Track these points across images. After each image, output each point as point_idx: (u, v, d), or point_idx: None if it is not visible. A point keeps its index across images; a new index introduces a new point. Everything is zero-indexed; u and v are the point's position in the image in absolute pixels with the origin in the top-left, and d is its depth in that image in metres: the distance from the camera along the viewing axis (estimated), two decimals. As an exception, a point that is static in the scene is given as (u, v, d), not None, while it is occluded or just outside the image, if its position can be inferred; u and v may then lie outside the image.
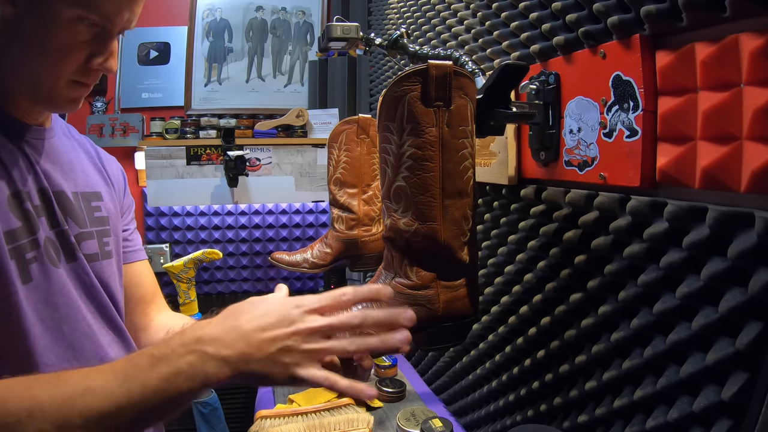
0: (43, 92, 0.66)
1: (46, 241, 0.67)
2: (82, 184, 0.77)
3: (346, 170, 1.36)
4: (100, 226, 0.77)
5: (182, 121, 2.37)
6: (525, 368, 1.01)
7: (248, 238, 2.51)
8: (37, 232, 0.66)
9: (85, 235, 0.74)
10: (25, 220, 0.64)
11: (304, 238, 2.57)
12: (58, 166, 0.73)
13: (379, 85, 2.17)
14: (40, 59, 0.63)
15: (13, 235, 0.62)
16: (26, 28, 0.61)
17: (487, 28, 1.12)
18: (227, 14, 2.53)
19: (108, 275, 0.77)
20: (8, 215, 0.62)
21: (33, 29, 0.61)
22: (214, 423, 2.25)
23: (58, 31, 0.61)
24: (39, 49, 0.62)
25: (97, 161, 0.84)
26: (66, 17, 0.61)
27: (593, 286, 0.81)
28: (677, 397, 0.65)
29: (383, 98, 0.68)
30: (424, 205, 0.69)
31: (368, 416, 1.15)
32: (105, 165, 0.86)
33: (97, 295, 0.74)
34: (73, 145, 0.80)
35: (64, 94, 0.67)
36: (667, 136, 0.66)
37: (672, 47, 0.65)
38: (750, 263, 0.55)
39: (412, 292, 0.72)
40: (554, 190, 0.89)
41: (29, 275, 0.64)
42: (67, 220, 0.72)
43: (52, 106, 0.70)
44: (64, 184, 0.73)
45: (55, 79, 0.65)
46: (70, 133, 0.81)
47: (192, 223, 2.46)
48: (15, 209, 0.63)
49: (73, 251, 0.71)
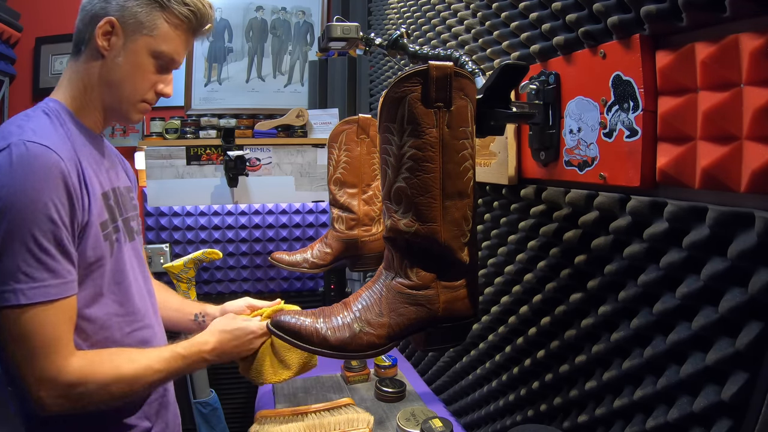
0: (122, 109, 0.91)
1: (122, 224, 0.93)
2: (123, 179, 1.02)
3: (346, 170, 1.36)
4: (134, 211, 1.03)
5: (182, 121, 2.36)
6: (525, 368, 1.01)
7: (248, 238, 2.51)
8: (117, 221, 0.92)
9: (132, 218, 1.00)
10: (110, 213, 0.89)
11: (304, 238, 2.57)
12: (112, 167, 0.97)
13: (379, 85, 2.17)
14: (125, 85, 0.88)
15: (105, 225, 0.87)
16: (118, 62, 0.86)
17: (487, 28, 1.12)
18: (227, 14, 2.53)
19: (141, 248, 1.04)
20: (102, 210, 0.86)
21: (123, 63, 0.86)
22: (214, 423, 2.25)
23: (141, 65, 0.87)
24: (126, 77, 0.87)
25: (121, 161, 1.07)
26: (146, 55, 0.87)
27: (593, 286, 0.81)
28: (677, 397, 0.65)
29: (384, 99, 0.68)
30: (424, 206, 0.69)
31: (368, 416, 1.15)
32: (125, 164, 1.09)
33: (142, 263, 1.03)
34: (110, 148, 1.02)
35: (136, 111, 0.92)
36: (667, 136, 0.66)
37: (672, 47, 0.65)
38: (750, 263, 0.55)
39: (413, 292, 0.72)
40: (554, 190, 0.89)
41: (113, 251, 0.89)
42: (124, 209, 0.96)
43: (124, 120, 0.94)
44: (117, 181, 0.97)
45: (133, 100, 0.90)
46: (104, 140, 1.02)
47: (192, 223, 2.46)
48: (105, 204, 0.88)
49: (132, 233, 0.98)
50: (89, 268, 0.83)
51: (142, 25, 0.85)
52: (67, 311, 0.78)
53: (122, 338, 0.90)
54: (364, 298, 0.74)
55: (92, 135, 0.91)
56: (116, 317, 0.89)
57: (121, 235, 0.92)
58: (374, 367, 1.46)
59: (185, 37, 0.91)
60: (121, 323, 0.90)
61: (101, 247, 0.85)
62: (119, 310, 0.90)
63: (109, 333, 0.88)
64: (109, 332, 0.88)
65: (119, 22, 0.84)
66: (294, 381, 1.43)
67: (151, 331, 0.98)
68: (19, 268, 0.73)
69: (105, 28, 0.84)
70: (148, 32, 0.86)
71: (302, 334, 0.72)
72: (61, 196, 0.76)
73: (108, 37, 0.85)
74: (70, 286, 0.78)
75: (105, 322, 0.87)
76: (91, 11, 0.85)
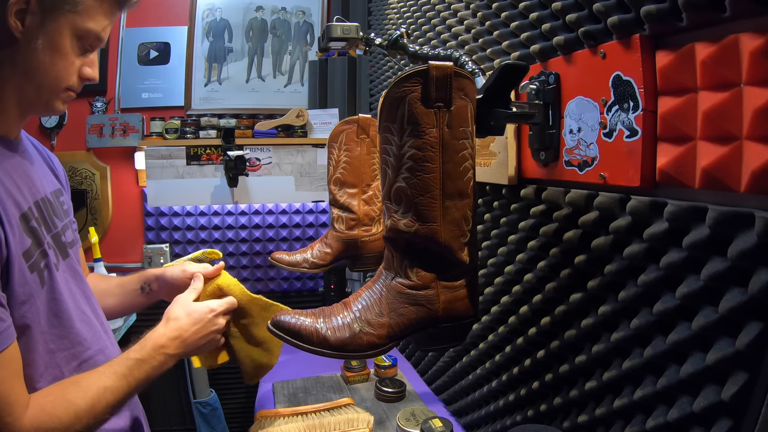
0: (43, 101, 0.77)
1: (48, 247, 0.79)
2: (50, 183, 0.88)
3: (346, 170, 1.36)
4: (67, 217, 0.90)
5: (182, 121, 2.37)
6: (525, 368, 1.01)
7: (248, 238, 2.51)
8: (43, 244, 0.77)
9: (65, 227, 0.88)
10: (33, 237, 0.75)
11: (304, 238, 2.57)
12: (36, 173, 0.83)
13: (379, 85, 2.17)
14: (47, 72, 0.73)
15: (29, 253, 0.73)
16: (36, 45, 0.71)
17: (487, 28, 1.12)
18: (227, 14, 2.53)
19: (79, 258, 0.92)
20: (23, 237, 0.72)
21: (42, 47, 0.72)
22: (214, 423, 2.26)
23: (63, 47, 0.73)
24: (46, 64, 0.73)
25: (48, 159, 0.94)
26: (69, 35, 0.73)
27: (593, 286, 0.81)
28: (677, 397, 0.65)
29: (384, 99, 0.68)
30: (424, 206, 0.69)
31: (368, 416, 1.15)
32: (53, 161, 0.95)
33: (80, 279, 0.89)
34: (32, 149, 0.88)
35: (60, 101, 0.78)
36: (667, 136, 0.66)
37: (672, 47, 0.65)
38: (750, 263, 0.55)
39: (413, 292, 0.72)
40: (554, 190, 0.89)
41: (44, 281, 0.76)
42: (54, 221, 0.84)
43: (46, 113, 0.82)
44: (43, 188, 0.83)
45: (56, 89, 0.76)
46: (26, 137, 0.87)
47: (192, 223, 2.46)
48: (25, 229, 0.74)
49: (64, 249, 0.85)
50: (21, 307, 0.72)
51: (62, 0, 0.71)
52: (9, 363, 0.67)
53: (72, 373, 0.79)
54: (364, 298, 0.74)
55: (5, 142, 0.77)
56: (60, 352, 0.78)
57: (51, 258, 0.79)
58: (374, 367, 1.46)
59: (111, 10, 0.77)
60: (67, 357, 0.79)
61: (29, 282, 0.72)
62: (62, 344, 0.79)
63: (57, 371, 0.77)
64: (58, 370, 0.78)
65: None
66: (294, 381, 1.43)
67: (104, 355, 0.86)
68: None
69: (18, 6, 0.68)
70: (71, 7, 0.72)
71: (302, 334, 0.72)
72: None
73: (22, 16, 0.69)
74: (6, 334, 0.67)
75: (49, 361, 0.76)
76: None
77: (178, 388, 2.36)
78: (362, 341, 0.71)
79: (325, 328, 0.72)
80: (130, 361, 0.80)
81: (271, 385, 1.43)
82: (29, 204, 0.77)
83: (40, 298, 0.75)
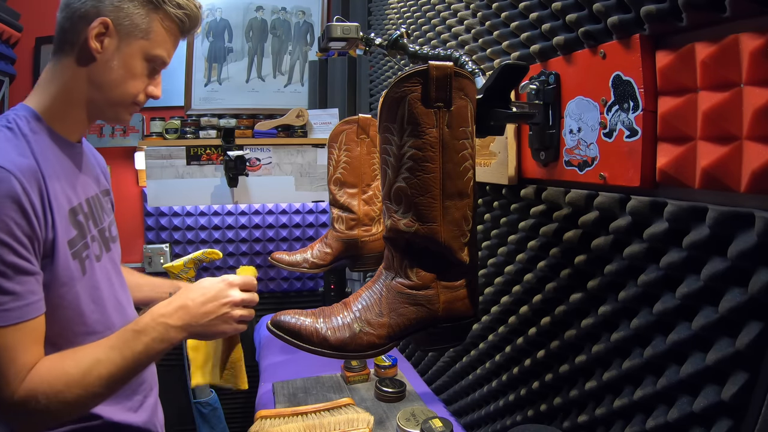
0: (112, 111, 0.88)
1: (92, 240, 0.89)
2: (100, 183, 0.99)
3: (346, 170, 1.36)
4: (111, 215, 1.01)
5: (182, 121, 2.37)
6: (525, 368, 1.01)
7: (248, 238, 2.51)
8: (87, 236, 0.87)
9: (111, 223, 0.99)
10: (78, 229, 0.85)
11: (304, 238, 2.57)
12: (89, 173, 0.95)
13: (379, 85, 2.17)
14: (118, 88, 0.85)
15: (73, 242, 0.82)
16: (112, 65, 0.83)
17: (487, 28, 1.12)
18: (227, 14, 2.53)
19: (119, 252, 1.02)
20: (68, 227, 0.82)
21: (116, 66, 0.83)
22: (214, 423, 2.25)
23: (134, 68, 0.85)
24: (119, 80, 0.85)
25: (99, 161, 1.05)
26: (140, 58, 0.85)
27: (593, 286, 0.81)
28: (677, 397, 0.65)
29: (384, 99, 0.68)
30: (424, 206, 0.69)
31: (368, 416, 1.15)
32: (101, 163, 1.06)
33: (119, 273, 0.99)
34: (87, 151, 0.98)
35: (127, 113, 0.90)
36: (667, 136, 0.66)
37: (672, 47, 0.65)
38: (750, 263, 0.55)
39: (413, 292, 0.72)
40: (554, 190, 0.89)
41: (85, 269, 0.85)
42: (102, 217, 0.95)
43: (113, 121, 0.93)
44: (94, 188, 0.95)
45: (125, 103, 0.87)
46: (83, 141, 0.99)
47: (192, 223, 2.46)
48: (72, 221, 0.83)
49: (108, 243, 0.95)
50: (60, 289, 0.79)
51: (137, 27, 0.83)
52: (29, 333, 0.73)
53: None
54: (364, 298, 0.74)
55: (66, 144, 0.86)
56: (92, 336, 0.84)
57: (94, 250, 0.88)
58: (374, 367, 1.46)
59: (176, 39, 0.90)
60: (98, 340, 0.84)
61: (70, 268, 0.80)
62: (95, 327, 0.85)
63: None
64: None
65: (113, 23, 0.81)
66: (294, 381, 1.43)
67: None
68: None
69: (98, 29, 0.80)
70: (144, 35, 0.84)
71: (302, 334, 0.72)
72: (15, 215, 0.71)
73: (101, 38, 0.81)
74: (34, 307, 0.73)
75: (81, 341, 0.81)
76: (79, 10, 0.80)
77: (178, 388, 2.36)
78: (362, 341, 0.71)
79: (325, 328, 0.72)
80: (127, 333, 0.80)
81: (271, 385, 1.43)
82: (80, 200, 0.87)
83: (80, 284, 0.82)
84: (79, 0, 0.81)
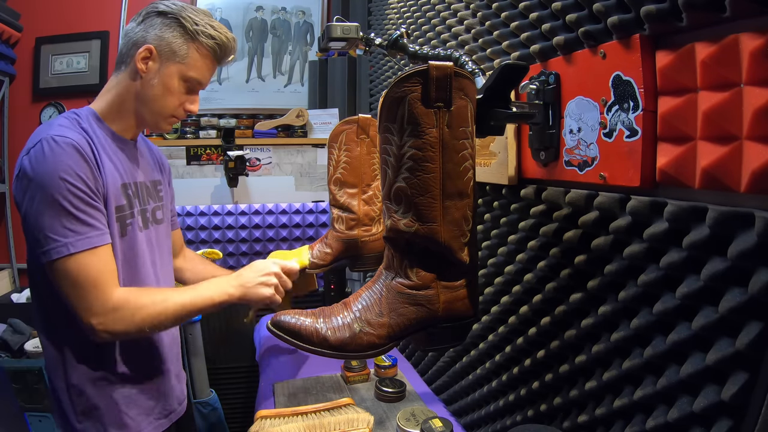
0: (153, 121, 1.07)
1: (136, 213, 1.07)
2: (152, 174, 1.18)
3: (346, 170, 1.36)
4: (160, 201, 1.19)
5: (182, 121, 2.36)
6: (525, 368, 1.01)
7: (248, 238, 2.51)
8: (133, 208, 1.06)
9: (156, 208, 1.17)
10: (127, 200, 1.04)
11: (304, 238, 2.57)
12: (142, 164, 1.14)
13: (379, 85, 2.17)
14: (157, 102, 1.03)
15: (121, 209, 1.01)
16: (153, 83, 1.01)
17: (487, 28, 1.12)
18: (227, 14, 2.53)
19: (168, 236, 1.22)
20: (119, 196, 1.01)
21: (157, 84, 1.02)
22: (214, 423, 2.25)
23: (172, 87, 1.03)
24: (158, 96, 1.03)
25: (158, 157, 1.25)
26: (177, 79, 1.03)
27: (593, 286, 0.81)
28: (677, 397, 0.65)
29: (384, 99, 0.68)
30: (424, 206, 0.69)
31: (368, 416, 1.15)
32: (161, 160, 1.27)
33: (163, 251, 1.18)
34: (144, 149, 1.18)
35: (166, 123, 1.09)
36: (667, 136, 0.66)
37: (672, 47, 0.65)
38: (750, 263, 0.55)
39: (413, 292, 0.72)
40: (554, 190, 0.89)
41: (125, 233, 1.03)
42: (147, 200, 1.12)
43: (157, 130, 1.12)
44: (143, 177, 1.13)
45: (163, 115, 1.06)
46: (143, 141, 1.21)
47: (192, 223, 2.46)
48: (123, 193, 1.02)
49: (148, 222, 1.12)
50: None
51: (175, 53, 1.01)
52: (106, 254, 0.94)
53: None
54: (364, 298, 0.74)
55: (120, 139, 1.06)
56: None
57: (136, 221, 1.06)
58: (374, 367, 1.46)
59: (211, 64, 1.06)
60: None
61: (112, 225, 0.98)
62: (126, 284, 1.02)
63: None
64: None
65: (156, 49, 1.00)
66: (294, 381, 1.43)
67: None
68: (63, 226, 0.89)
69: (144, 54, 0.99)
70: (180, 60, 1.01)
71: (302, 334, 0.72)
72: (84, 168, 0.92)
73: (146, 61, 1.00)
74: (106, 236, 0.95)
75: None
76: (133, 38, 1.01)
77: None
78: (362, 341, 0.71)
79: (325, 328, 0.72)
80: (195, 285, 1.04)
81: (271, 385, 1.43)
82: (130, 181, 1.06)
83: (117, 244, 0.99)
84: (133, 30, 1.02)
